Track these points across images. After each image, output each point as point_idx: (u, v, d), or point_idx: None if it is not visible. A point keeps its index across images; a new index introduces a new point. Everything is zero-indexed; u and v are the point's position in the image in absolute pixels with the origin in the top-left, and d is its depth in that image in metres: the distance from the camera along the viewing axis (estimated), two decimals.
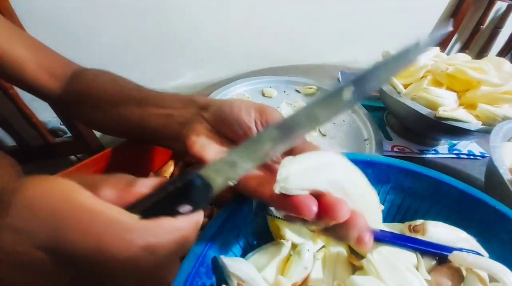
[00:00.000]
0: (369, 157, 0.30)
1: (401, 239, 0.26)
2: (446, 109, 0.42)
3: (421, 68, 0.48)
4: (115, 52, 0.67)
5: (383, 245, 0.25)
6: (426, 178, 0.29)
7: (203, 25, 0.70)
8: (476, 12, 0.90)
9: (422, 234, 0.26)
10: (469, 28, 0.94)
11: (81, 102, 0.34)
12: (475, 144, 0.56)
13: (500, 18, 0.91)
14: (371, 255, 0.23)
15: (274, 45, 0.80)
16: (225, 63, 0.79)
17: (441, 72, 0.46)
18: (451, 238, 0.26)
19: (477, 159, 0.53)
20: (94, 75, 0.34)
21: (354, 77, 0.17)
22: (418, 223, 0.27)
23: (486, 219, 0.27)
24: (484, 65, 0.45)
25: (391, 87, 0.49)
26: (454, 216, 0.28)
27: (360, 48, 0.91)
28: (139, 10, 0.63)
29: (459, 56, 0.52)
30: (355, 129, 0.55)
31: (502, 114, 0.42)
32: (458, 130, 0.42)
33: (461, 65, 0.45)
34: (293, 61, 0.82)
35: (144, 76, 0.74)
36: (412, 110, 0.44)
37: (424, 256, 0.25)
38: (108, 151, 0.33)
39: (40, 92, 0.35)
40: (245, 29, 0.74)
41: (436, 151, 0.54)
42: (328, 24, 0.81)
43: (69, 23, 0.60)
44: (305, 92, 0.63)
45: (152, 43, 0.69)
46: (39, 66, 0.33)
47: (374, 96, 0.67)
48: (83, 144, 0.72)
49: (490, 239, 0.26)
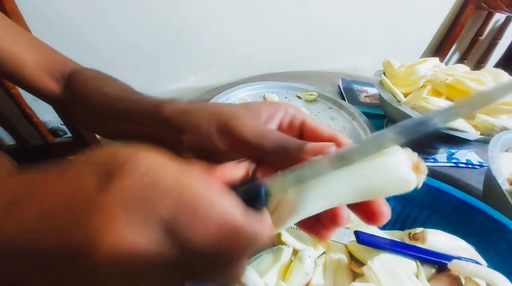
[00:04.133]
0: None
1: (401, 246, 0.26)
2: None
3: (421, 78, 0.49)
4: (118, 54, 0.67)
5: (383, 253, 0.25)
6: (426, 186, 0.29)
7: (207, 30, 0.71)
8: (475, 23, 0.92)
9: (422, 242, 0.26)
10: (468, 38, 0.95)
11: (75, 107, 0.33)
12: (474, 153, 0.57)
13: (498, 30, 0.92)
14: (372, 262, 0.23)
15: (276, 51, 0.81)
16: (228, 67, 0.80)
17: (440, 83, 0.47)
18: (451, 247, 0.26)
19: (475, 168, 0.54)
20: (85, 79, 0.32)
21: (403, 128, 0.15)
22: (418, 231, 0.27)
23: (484, 228, 0.27)
24: (483, 76, 0.46)
25: (391, 96, 0.50)
26: (453, 224, 0.28)
27: (360, 55, 0.92)
28: (144, 13, 0.63)
29: (458, 67, 0.53)
30: (356, 136, 0.55)
31: (500, 125, 0.42)
32: (457, 140, 0.43)
33: (460, 76, 0.46)
34: (295, 67, 0.83)
35: (146, 79, 0.74)
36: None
37: (424, 264, 0.25)
38: None
39: (39, 93, 0.34)
40: (248, 34, 0.75)
41: (435, 159, 0.54)
42: (329, 31, 0.82)
43: (72, 24, 0.60)
44: (306, 98, 0.64)
45: (155, 46, 0.69)
46: (38, 66, 0.32)
47: (374, 104, 0.68)
48: (82, 145, 0.72)
49: (489, 248, 0.27)
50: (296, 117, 0.22)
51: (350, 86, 0.74)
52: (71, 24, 0.60)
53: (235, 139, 0.19)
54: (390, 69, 0.54)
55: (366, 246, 0.25)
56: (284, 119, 0.22)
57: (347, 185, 0.15)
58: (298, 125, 0.22)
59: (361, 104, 0.67)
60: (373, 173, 0.15)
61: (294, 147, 0.18)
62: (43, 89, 0.33)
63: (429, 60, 0.52)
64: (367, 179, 0.15)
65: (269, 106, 0.22)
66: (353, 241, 0.26)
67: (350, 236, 0.26)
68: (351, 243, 0.26)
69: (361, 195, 0.16)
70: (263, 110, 0.21)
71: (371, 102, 0.69)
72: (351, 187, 0.15)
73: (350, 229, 0.28)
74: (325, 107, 0.63)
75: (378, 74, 0.56)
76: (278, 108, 0.22)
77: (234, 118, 0.20)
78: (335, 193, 0.15)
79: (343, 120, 0.59)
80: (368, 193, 0.16)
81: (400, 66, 0.52)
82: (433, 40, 0.96)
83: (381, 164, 0.15)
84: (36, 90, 0.34)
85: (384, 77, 0.53)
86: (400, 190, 0.15)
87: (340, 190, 0.15)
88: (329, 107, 0.63)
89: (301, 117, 0.22)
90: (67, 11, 0.58)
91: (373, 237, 0.26)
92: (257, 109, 0.21)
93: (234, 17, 0.71)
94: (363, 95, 0.71)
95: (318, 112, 0.61)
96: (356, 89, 0.73)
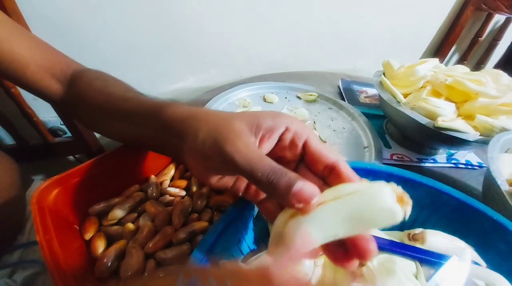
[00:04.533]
0: (370, 165, 0.30)
1: (400, 247, 0.26)
2: (445, 119, 0.43)
3: (421, 78, 0.49)
4: (119, 55, 0.67)
5: (382, 253, 0.25)
6: (425, 187, 0.29)
7: (207, 30, 0.71)
8: (475, 24, 0.92)
9: (421, 243, 0.26)
10: (468, 39, 0.95)
11: (79, 107, 0.33)
12: (473, 154, 0.57)
13: (498, 31, 0.92)
14: (371, 263, 0.23)
15: (276, 51, 0.81)
16: (227, 68, 0.80)
17: (440, 83, 0.47)
18: (450, 247, 0.26)
19: (474, 168, 0.54)
20: (89, 80, 0.33)
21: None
22: (418, 231, 0.27)
23: (484, 229, 0.27)
24: (482, 77, 0.46)
25: (391, 96, 0.50)
26: (452, 225, 0.28)
27: (360, 56, 0.92)
28: (144, 14, 0.63)
29: (458, 68, 0.53)
30: (355, 136, 0.55)
31: (499, 126, 0.42)
32: (457, 141, 0.43)
33: (460, 76, 0.46)
34: (294, 67, 0.83)
35: (147, 79, 0.74)
36: (411, 120, 0.45)
37: (423, 265, 0.25)
38: (108, 153, 0.33)
39: (41, 93, 0.34)
40: (248, 35, 0.75)
41: (434, 160, 0.54)
42: (329, 32, 0.83)
43: (73, 24, 0.60)
44: (305, 99, 0.64)
45: (155, 46, 0.69)
46: (39, 67, 0.32)
47: (374, 104, 0.68)
48: (82, 145, 0.72)
49: (488, 249, 0.27)
50: (300, 135, 0.21)
51: (350, 86, 0.74)
52: (72, 24, 0.60)
53: (227, 163, 0.19)
54: (390, 69, 0.54)
55: None
56: (286, 136, 0.21)
57: (338, 216, 0.17)
58: (301, 144, 0.21)
59: (361, 104, 0.67)
60: (361, 205, 0.17)
61: (282, 185, 0.17)
62: (46, 89, 0.33)
63: (429, 61, 0.52)
64: (356, 210, 0.17)
65: (270, 119, 0.21)
66: None
67: None
68: None
69: (352, 227, 0.17)
70: (264, 123, 0.20)
71: (370, 102, 0.69)
72: (342, 219, 0.17)
73: None
74: (325, 108, 0.63)
75: (378, 74, 0.56)
76: (280, 123, 0.21)
77: (229, 142, 0.19)
78: (328, 226, 0.17)
79: (342, 121, 0.59)
80: (358, 224, 0.17)
81: (400, 67, 0.52)
82: (433, 41, 0.96)
83: (368, 196, 0.17)
84: (38, 91, 0.34)
85: (384, 77, 0.53)
86: (387, 221, 0.17)
87: (332, 223, 0.17)
88: (328, 108, 0.63)
89: (305, 136, 0.21)
90: (67, 11, 0.58)
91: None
92: (258, 121, 0.20)
93: (234, 17, 0.71)
94: (362, 96, 0.71)
95: (318, 113, 0.61)
96: (356, 90, 0.73)
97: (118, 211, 0.33)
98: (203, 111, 0.22)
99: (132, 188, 0.36)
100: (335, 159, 0.20)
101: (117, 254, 0.29)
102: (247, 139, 0.19)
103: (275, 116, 0.21)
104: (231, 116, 0.21)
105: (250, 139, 0.20)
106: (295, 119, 0.21)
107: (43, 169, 0.80)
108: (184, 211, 0.33)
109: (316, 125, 0.57)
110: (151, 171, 0.39)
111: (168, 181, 0.38)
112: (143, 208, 0.34)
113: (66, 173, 0.30)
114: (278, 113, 0.21)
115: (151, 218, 0.33)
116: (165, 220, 0.32)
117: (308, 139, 0.21)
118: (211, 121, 0.21)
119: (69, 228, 0.30)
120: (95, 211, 0.33)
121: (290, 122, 0.21)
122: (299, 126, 0.21)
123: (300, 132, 0.21)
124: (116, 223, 0.33)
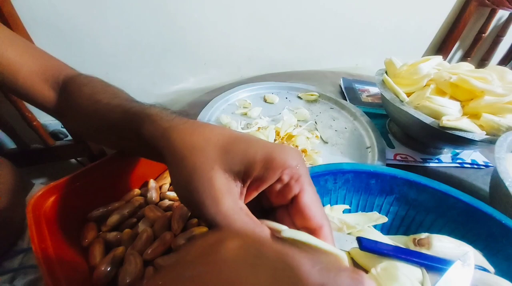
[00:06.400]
0: (373, 167, 0.29)
1: (405, 253, 0.25)
2: (450, 118, 0.42)
3: (424, 77, 0.48)
4: (119, 56, 0.67)
5: (387, 260, 0.25)
6: (431, 190, 0.28)
7: (207, 31, 0.70)
8: (478, 20, 0.91)
9: (427, 248, 0.25)
10: (471, 36, 0.94)
11: (69, 115, 0.32)
12: (479, 153, 0.56)
13: (502, 27, 0.91)
14: (375, 270, 0.23)
15: (276, 51, 0.80)
16: (228, 68, 0.79)
17: (444, 81, 0.46)
18: (457, 253, 0.25)
19: (480, 168, 0.53)
20: (78, 86, 0.31)
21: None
22: (423, 236, 0.26)
23: (492, 233, 0.26)
24: (488, 75, 0.44)
25: (394, 95, 0.49)
26: (459, 229, 0.28)
27: (362, 54, 0.91)
28: (144, 15, 0.63)
29: (462, 65, 0.52)
30: (357, 136, 0.54)
31: (506, 125, 0.41)
32: (462, 140, 0.42)
33: (465, 74, 0.45)
34: (295, 67, 0.82)
35: (147, 80, 0.74)
36: (415, 119, 0.44)
37: (430, 271, 0.25)
38: (105, 159, 0.32)
39: (34, 100, 0.33)
40: (248, 35, 0.74)
41: (439, 160, 0.53)
42: (330, 31, 0.81)
43: (72, 27, 0.60)
44: (306, 99, 0.63)
45: (155, 47, 0.69)
46: (31, 72, 0.31)
47: (376, 104, 0.67)
48: (83, 147, 0.71)
49: (497, 254, 0.26)
50: (292, 188, 0.19)
51: (351, 85, 0.73)
52: (71, 26, 0.60)
53: (203, 212, 0.18)
54: (392, 68, 0.53)
55: (369, 253, 0.25)
56: (277, 186, 0.19)
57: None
58: (291, 197, 0.19)
59: (363, 104, 0.66)
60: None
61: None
62: (37, 96, 0.32)
63: (432, 59, 0.51)
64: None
65: (263, 165, 0.18)
66: (355, 248, 0.25)
67: (352, 242, 0.26)
68: (353, 250, 0.26)
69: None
70: (255, 169, 0.18)
71: (373, 101, 0.68)
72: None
73: (352, 234, 0.27)
74: (326, 108, 0.62)
75: (380, 73, 0.55)
76: (274, 170, 0.18)
77: (206, 193, 0.17)
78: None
79: (344, 121, 0.58)
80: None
81: (403, 65, 0.51)
82: (436, 38, 0.94)
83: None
84: (30, 97, 0.33)
85: (386, 76, 0.52)
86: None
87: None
88: (330, 108, 0.62)
89: (297, 189, 0.19)
90: (67, 14, 0.58)
91: (377, 244, 0.25)
92: (248, 167, 0.18)
93: (234, 17, 0.70)
94: (365, 95, 0.70)
95: (319, 113, 0.60)
96: (357, 89, 0.72)
97: (117, 216, 0.32)
98: (180, 140, 0.19)
99: (131, 192, 0.36)
100: (320, 224, 0.19)
101: (115, 261, 0.28)
102: (228, 191, 0.18)
103: (270, 160, 0.18)
104: (213, 159, 0.18)
105: (231, 191, 0.18)
106: (293, 159, 0.19)
107: (44, 173, 0.80)
108: (183, 216, 0.32)
109: (318, 125, 0.56)
110: (150, 175, 0.38)
111: (168, 185, 0.38)
112: (143, 212, 0.34)
113: (63, 179, 0.29)
114: (273, 151, 0.18)
115: (150, 223, 0.32)
116: (165, 225, 0.32)
117: (301, 194, 0.19)
118: (190, 163, 0.18)
119: (66, 235, 0.30)
120: (94, 217, 0.32)
121: (287, 164, 0.18)
122: (295, 173, 0.19)
123: (293, 184, 0.19)
124: (115, 228, 0.33)
